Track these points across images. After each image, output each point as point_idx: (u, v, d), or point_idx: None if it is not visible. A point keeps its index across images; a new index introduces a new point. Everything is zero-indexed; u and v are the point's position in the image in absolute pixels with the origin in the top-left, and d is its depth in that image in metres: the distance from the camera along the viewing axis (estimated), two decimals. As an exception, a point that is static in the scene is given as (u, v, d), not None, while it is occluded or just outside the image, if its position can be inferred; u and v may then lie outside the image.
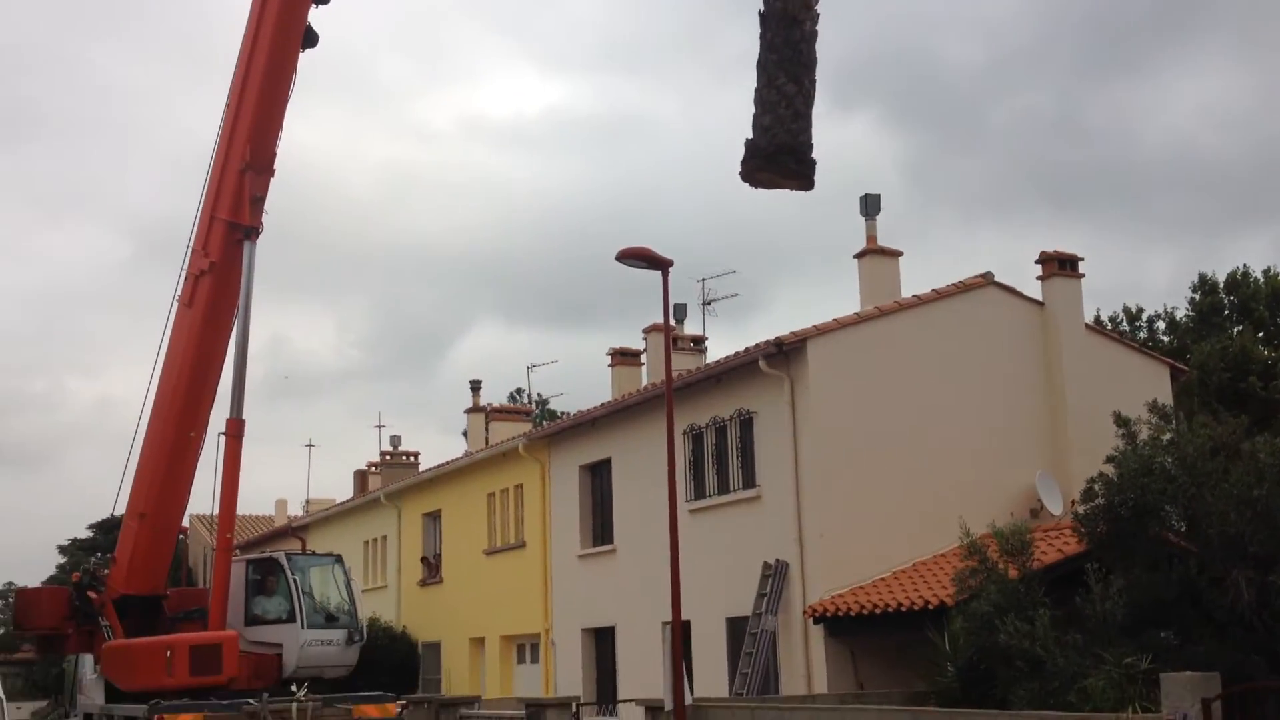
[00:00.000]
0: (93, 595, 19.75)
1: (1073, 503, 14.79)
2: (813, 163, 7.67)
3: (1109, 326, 38.11)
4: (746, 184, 7.82)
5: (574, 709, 18.90)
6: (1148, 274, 73.14)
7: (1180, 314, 36.34)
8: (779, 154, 7.64)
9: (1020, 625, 12.05)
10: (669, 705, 14.44)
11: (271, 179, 19.13)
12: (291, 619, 17.60)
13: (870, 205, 22.58)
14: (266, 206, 19.31)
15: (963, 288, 21.28)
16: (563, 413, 45.99)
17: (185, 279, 19.78)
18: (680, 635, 14.79)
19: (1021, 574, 13.12)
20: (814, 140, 7.92)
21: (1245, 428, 13.40)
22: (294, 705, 15.82)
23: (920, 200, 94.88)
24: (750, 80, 7.94)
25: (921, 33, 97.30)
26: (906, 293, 21.62)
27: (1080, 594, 12.60)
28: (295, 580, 17.84)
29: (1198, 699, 9.47)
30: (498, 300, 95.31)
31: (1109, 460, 13.64)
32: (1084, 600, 12.43)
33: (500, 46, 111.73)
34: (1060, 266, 21.53)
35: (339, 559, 19.71)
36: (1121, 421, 13.76)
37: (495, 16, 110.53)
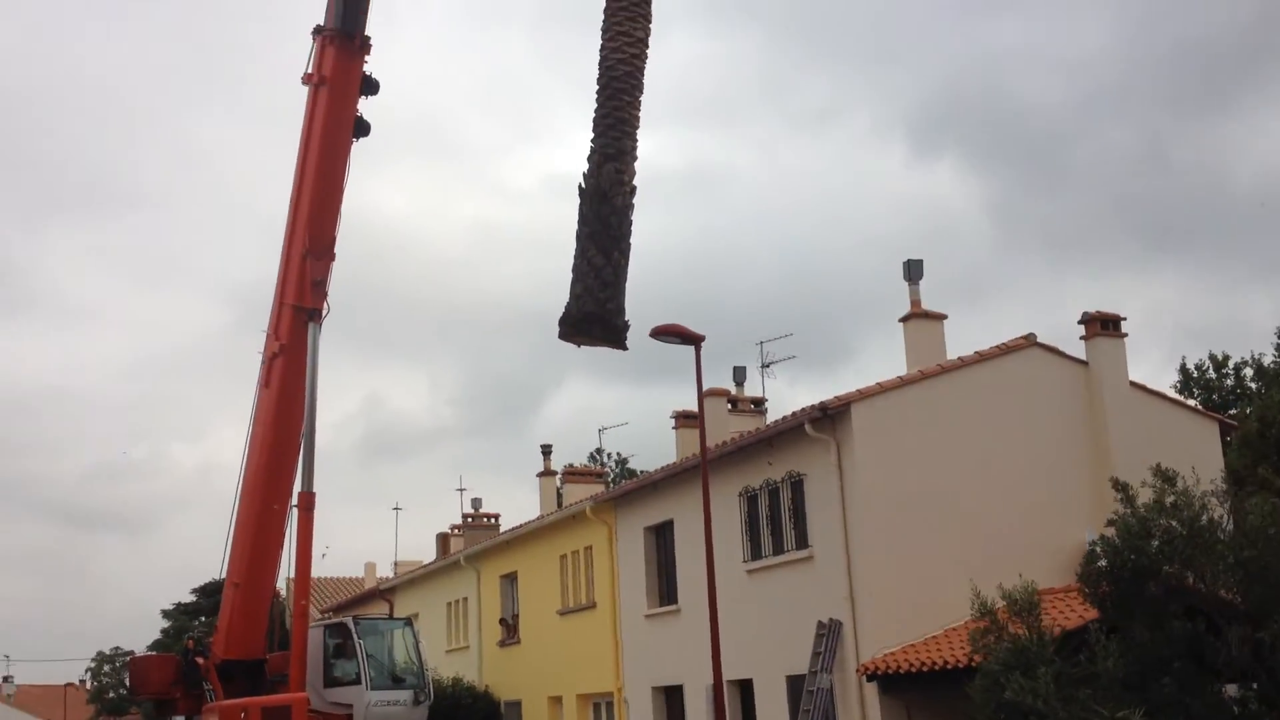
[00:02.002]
0: (199, 661, 21.10)
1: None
2: (622, 327, 8.54)
3: (1195, 374, 38.11)
4: (567, 343, 8.77)
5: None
6: (1245, 314, 71.97)
7: (1268, 360, 35.83)
8: (585, 321, 8.58)
9: (1025, 683, 12.63)
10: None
11: (332, 263, 20.38)
12: (358, 681, 18.61)
13: (913, 270, 23.25)
14: (340, 280, 20.56)
15: (1006, 349, 21.82)
16: (641, 472, 46.90)
17: (262, 362, 21.14)
18: (722, 694, 15.49)
19: (1031, 634, 13.67)
20: (625, 306, 8.70)
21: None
22: (361, 764, 16.81)
23: (1005, 242, 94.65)
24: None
25: (1001, 73, 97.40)
26: (979, 345, 22.09)
27: (1084, 652, 13.12)
28: (361, 644, 18.86)
29: (1178, 752, 10.02)
30: (587, 356, 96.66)
31: (1109, 524, 14.16)
32: (1088, 658, 12.97)
33: (582, 103, 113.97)
34: (1103, 327, 21.99)
35: (409, 622, 20.73)
36: (1120, 486, 14.30)
37: (576, 75, 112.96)
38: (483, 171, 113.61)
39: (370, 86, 20.21)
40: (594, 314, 8.55)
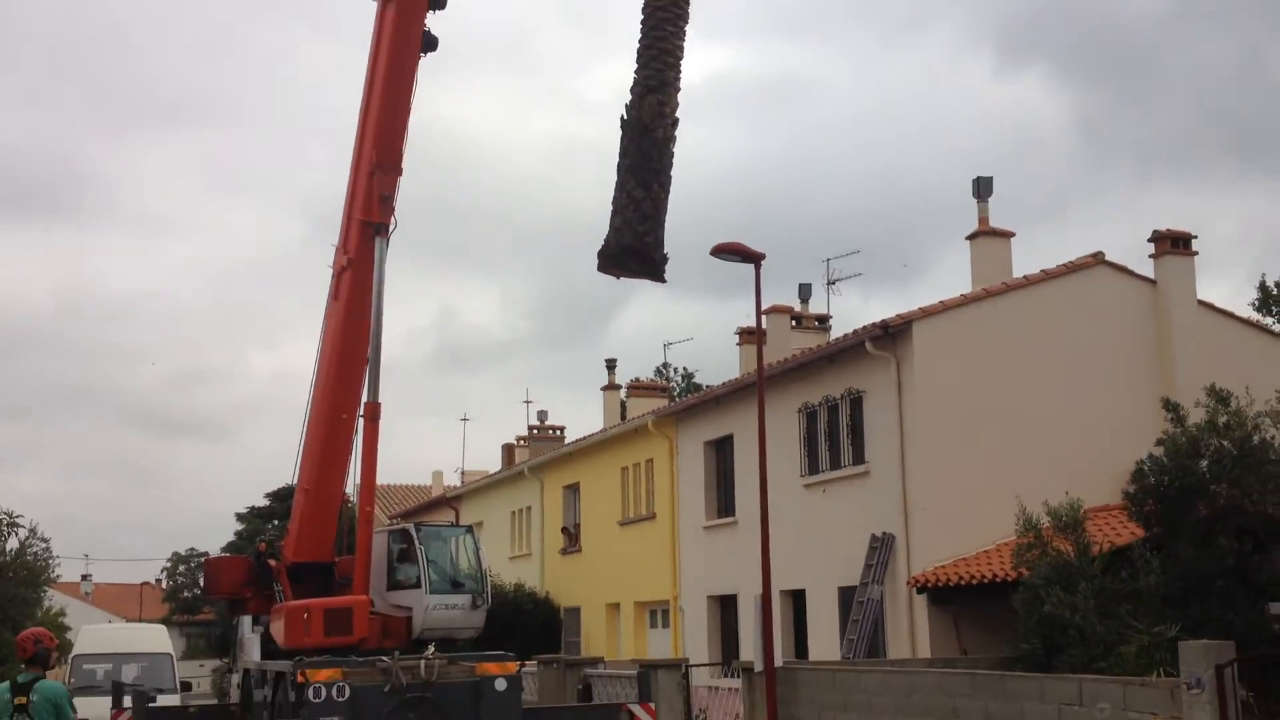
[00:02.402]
0: (271, 563, 21.79)
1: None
2: (660, 260, 8.50)
3: (1275, 291, 37.33)
4: (606, 275, 8.72)
5: (683, 670, 20.05)
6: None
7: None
8: (623, 255, 8.54)
9: (1064, 597, 12.77)
10: (758, 667, 15.50)
11: (399, 178, 20.46)
12: (418, 585, 19.09)
13: (982, 188, 23.03)
14: (415, 194, 20.81)
15: (1072, 268, 21.62)
16: (706, 386, 47.17)
17: (332, 275, 21.46)
18: (770, 605, 15.80)
19: (1074, 550, 13.76)
20: (663, 239, 8.63)
21: None
22: (422, 662, 17.31)
23: (1093, 157, 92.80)
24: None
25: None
26: (1048, 263, 21.90)
27: (1127, 569, 13.21)
28: (422, 549, 19.29)
29: (1211, 665, 10.13)
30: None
31: (1159, 443, 14.13)
32: (1130, 575, 13.06)
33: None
34: (1173, 245, 21.68)
35: (470, 530, 21.12)
36: (1170, 406, 14.24)
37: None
38: (560, 85, 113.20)
39: (438, 1, 20.21)
40: (631, 247, 8.60)
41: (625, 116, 8.84)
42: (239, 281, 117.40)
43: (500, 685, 17.47)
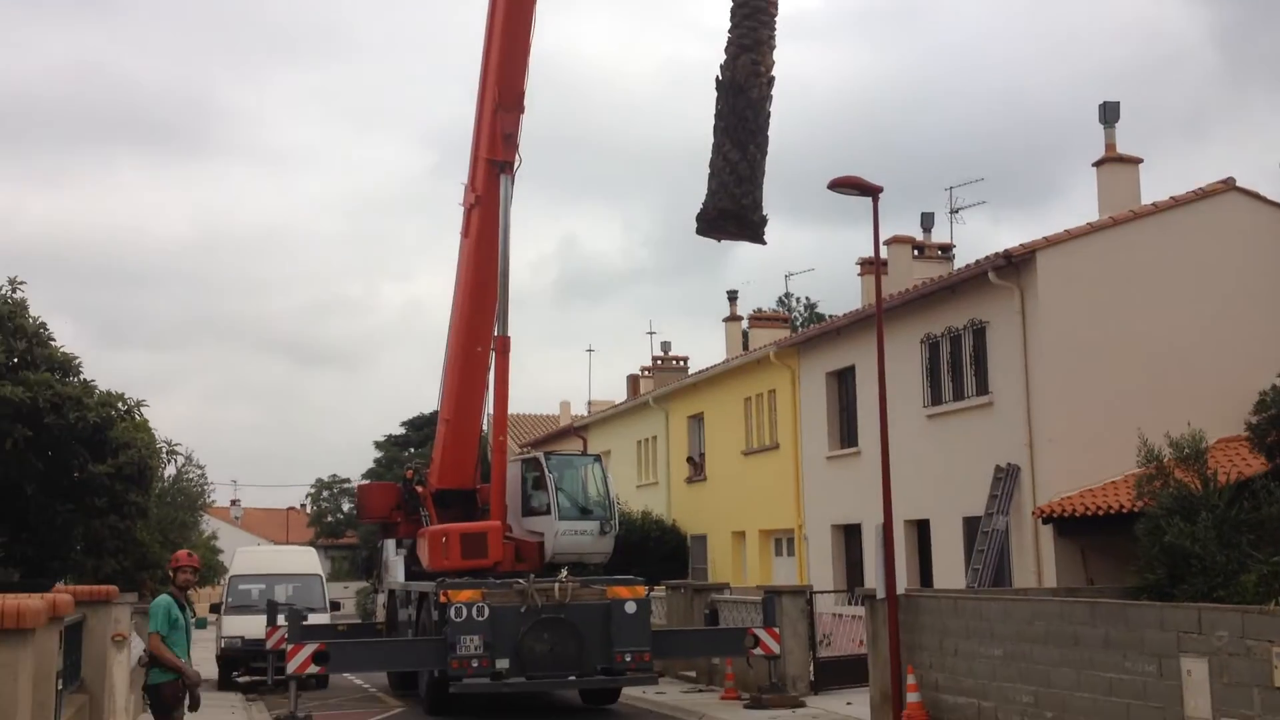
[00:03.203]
0: (419, 489, 22.94)
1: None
2: (760, 222, 8.44)
3: None
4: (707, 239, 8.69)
5: (808, 596, 20.55)
6: None
7: None
8: (721, 218, 8.54)
9: (1185, 527, 12.87)
10: (880, 595, 15.90)
11: (522, 115, 21.03)
12: (549, 511, 19.94)
13: (1109, 113, 22.67)
14: (537, 123, 21.33)
15: (1202, 194, 21.25)
16: (830, 316, 47.17)
17: (463, 213, 22.21)
18: (892, 533, 16.11)
19: (1197, 481, 13.81)
20: (761, 200, 8.54)
21: None
22: (555, 585, 18.17)
23: (1232, 74, 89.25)
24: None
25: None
26: (1162, 194, 21.63)
27: (1250, 500, 13.25)
28: (551, 477, 20.12)
29: (1330, 595, 10.25)
30: (782, 197, 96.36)
31: (1281, 374, 14.04)
32: (1253, 506, 13.10)
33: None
34: (1308, 168, 21.12)
35: (598, 459, 21.91)
36: (1294, 336, 14.11)
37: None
38: (676, 10, 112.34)
39: None
40: (729, 210, 8.65)
41: (719, 77, 8.86)
42: (370, 213, 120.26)
43: (630, 608, 18.26)
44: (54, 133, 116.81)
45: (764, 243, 8.99)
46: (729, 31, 9.63)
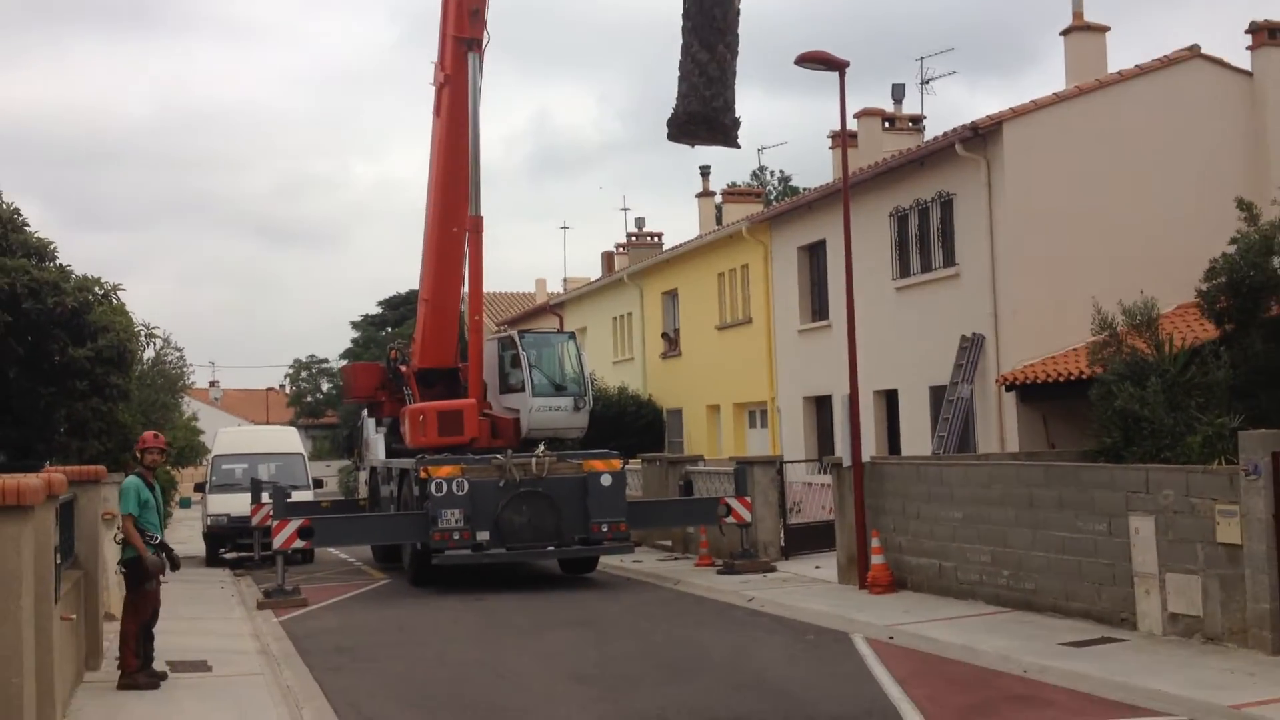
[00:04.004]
0: (402, 369, 23.27)
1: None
2: (732, 124, 8.25)
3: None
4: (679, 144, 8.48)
5: (778, 466, 21.16)
6: None
7: None
8: (690, 122, 8.32)
9: (1135, 391, 13.39)
10: (847, 463, 16.46)
11: None
12: (524, 389, 20.35)
13: (1077, -19, 22.61)
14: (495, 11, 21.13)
15: (1167, 62, 21.36)
16: (805, 189, 47.25)
17: (434, 92, 22.15)
18: (858, 404, 16.60)
19: (1148, 347, 14.28)
20: (734, 101, 8.30)
21: None
22: (533, 459, 18.68)
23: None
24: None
25: None
26: (1141, 56, 21.73)
27: (1197, 363, 13.73)
28: (525, 355, 20.49)
29: (1268, 452, 10.74)
30: (758, 67, 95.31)
31: (1232, 241, 14.40)
32: (1201, 370, 13.58)
33: None
34: (1271, 36, 21.25)
35: (572, 335, 22.27)
36: (1244, 205, 14.45)
37: None
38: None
39: None
40: (699, 114, 8.41)
41: None
42: (338, 87, 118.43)
43: (606, 480, 18.83)
44: (6, 9, 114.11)
45: (738, 146, 8.87)
46: None
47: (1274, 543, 10.80)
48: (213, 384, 78.53)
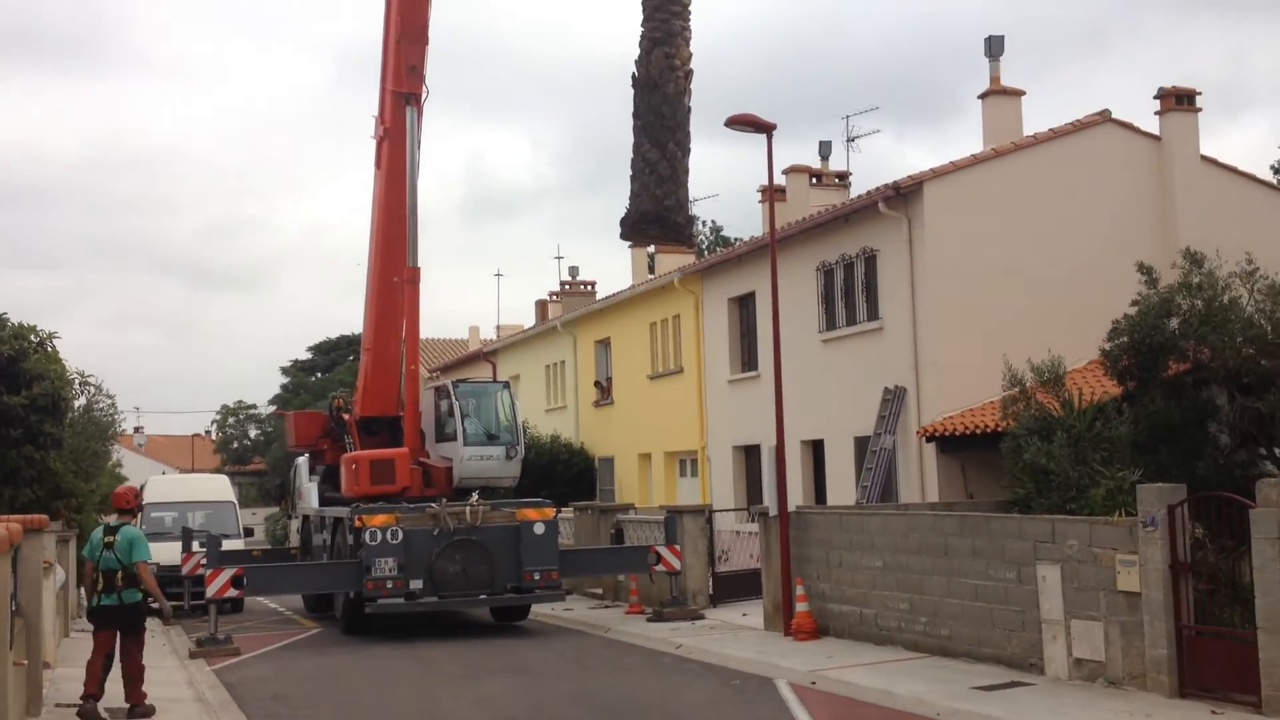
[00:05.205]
0: (345, 417, 23.44)
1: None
2: (685, 223, 8.52)
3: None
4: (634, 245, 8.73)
5: (707, 515, 21.62)
6: None
7: None
8: (643, 222, 8.63)
9: (1042, 445, 14.09)
10: (773, 512, 16.97)
11: (426, 47, 21.23)
12: (457, 437, 20.69)
13: (994, 46, 23.63)
14: (444, 40, 21.48)
15: (1079, 125, 22.33)
16: (736, 240, 48.11)
17: (375, 145, 22.52)
18: (784, 455, 17.14)
19: (1055, 403, 15.02)
20: (687, 200, 8.49)
21: None
22: (467, 508, 19.00)
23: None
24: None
25: None
26: (1080, 113, 22.53)
27: (1101, 419, 14.47)
28: (458, 404, 20.85)
29: (1164, 505, 11.42)
30: (695, 113, 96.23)
31: (1133, 303, 15.24)
32: (1104, 426, 14.32)
33: None
34: (1178, 102, 22.29)
35: (506, 385, 22.63)
36: (1144, 269, 15.31)
37: None
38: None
39: None
40: (650, 213, 8.64)
41: (634, 74, 8.69)
42: (266, 129, 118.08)
43: (539, 529, 19.17)
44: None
45: (691, 245, 9.06)
46: (641, 25, 9.42)
47: (1171, 591, 11.45)
48: (137, 430, 77.49)
